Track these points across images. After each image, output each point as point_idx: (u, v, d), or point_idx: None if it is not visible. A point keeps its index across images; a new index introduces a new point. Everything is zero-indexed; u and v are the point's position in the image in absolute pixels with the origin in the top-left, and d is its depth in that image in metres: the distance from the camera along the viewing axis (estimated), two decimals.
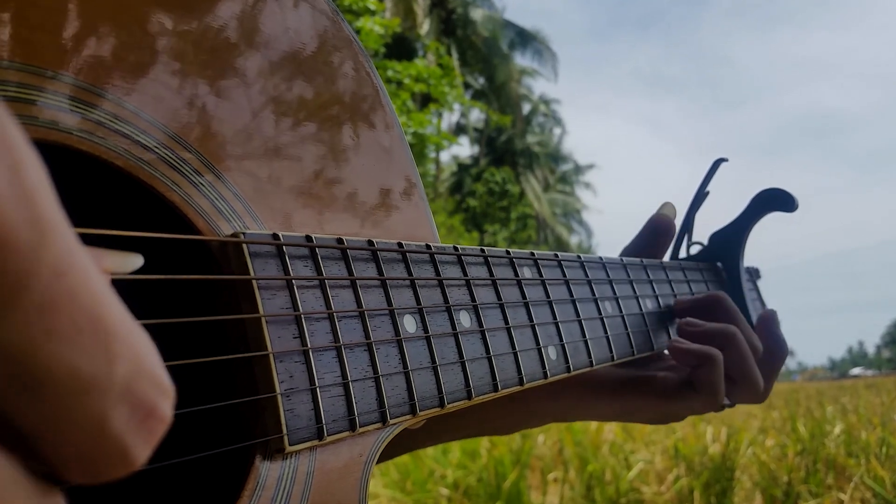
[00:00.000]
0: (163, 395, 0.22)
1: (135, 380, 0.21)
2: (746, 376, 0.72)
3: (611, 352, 0.68)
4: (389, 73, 11.66)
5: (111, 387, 0.20)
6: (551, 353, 0.60)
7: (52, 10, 0.35)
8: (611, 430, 4.62)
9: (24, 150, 0.18)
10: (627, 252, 0.84)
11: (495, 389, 0.53)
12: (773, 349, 0.78)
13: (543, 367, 0.58)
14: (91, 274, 0.20)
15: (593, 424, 4.55)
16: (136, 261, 0.30)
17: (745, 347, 0.72)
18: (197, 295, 0.43)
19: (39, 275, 0.18)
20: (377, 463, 0.46)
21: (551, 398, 0.74)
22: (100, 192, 0.42)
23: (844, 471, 3.84)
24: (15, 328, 0.18)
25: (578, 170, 36.63)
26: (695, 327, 0.74)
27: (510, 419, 0.76)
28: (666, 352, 0.79)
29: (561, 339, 0.61)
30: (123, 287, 0.42)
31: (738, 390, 0.73)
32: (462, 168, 31.89)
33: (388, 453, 0.82)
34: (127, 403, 0.21)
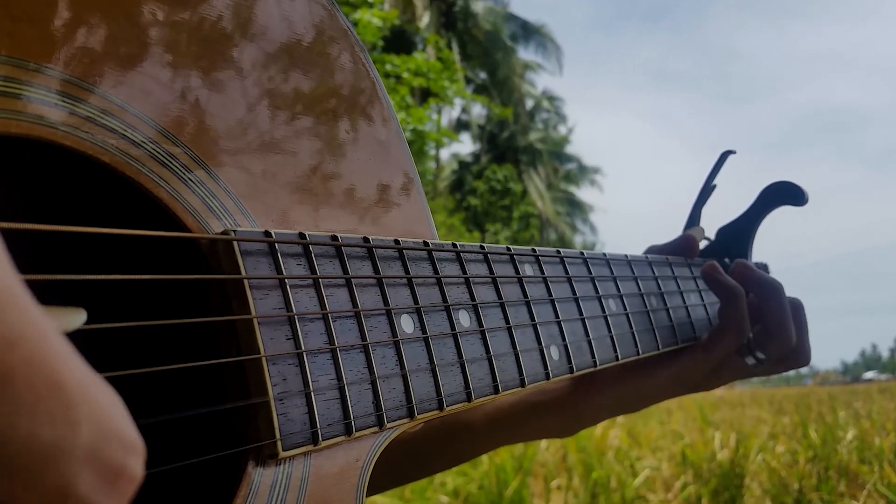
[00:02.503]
0: (130, 454, 0.22)
1: (99, 442, 0.21)
2: (783, 328, 0.77)
3: (615, 351, 0.67)
4: (388, 66, 11.66)
5: (75, 452, 0.20)
6: (553, 353, 0.60)
7: (37, 1, 0.35)
8: (616, 435, 4.62)
9: None
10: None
11: (496, 391, 0.53)
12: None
13: (545, 367, 0.58)
14: (47, 336, 0.20)
15: (597, 430, 4.55)
16: (78, 318, 0.29)
17: (786, 304, 0.77)
18: (186, 295, 0.43)
19: None
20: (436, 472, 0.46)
21: (610, 386, 0.78)
22: (86, 189, 0.42)
23: (857, 478, 3.84)
24: None
25: (583, 170, 36.62)
26: (747, 269, 0.78)
27: (576, 418, 0.79)
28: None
29: (563, 339, 0.61)
30: (111, 289, 0.42)
31: (774, 343, 0.77)
32: (463, 166, 31.90)
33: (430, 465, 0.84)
34: (93, 467, 0.21)
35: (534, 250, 0.62)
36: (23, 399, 0.19)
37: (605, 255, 0.72)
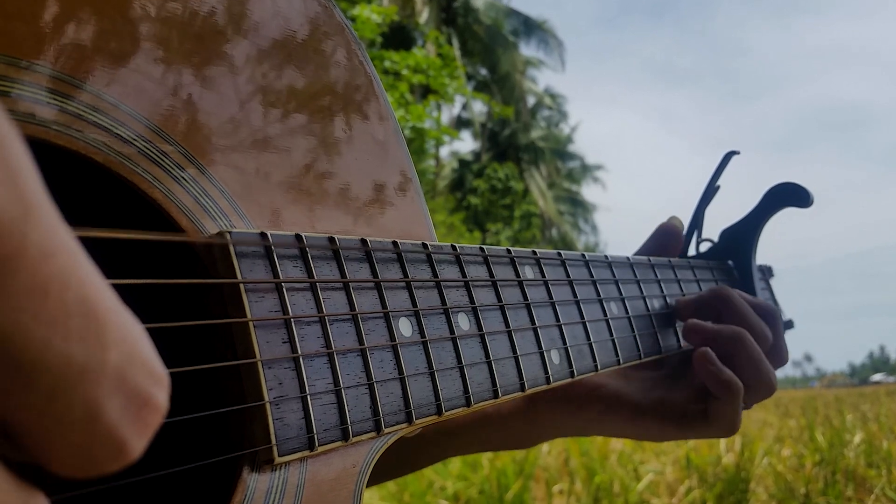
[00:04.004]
0: (157, 385, 0.22)
1: (128, 368, 0.21)
2: (760, 378, 0.72)
3: (617, 355, 0.67)
4: (387, 63, 11.65)
5: (104, 375, 0.20)
6: (554, 357, 0.60)
7: None
8: (619, 439, 4.61)
9: (5, 127, 0.18)
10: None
11: (495, 396, 0.53)
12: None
13: (546, 371, 0.58)
14: (79, 257, 0.20)
15: None
16: None
17: (756, 349, 0.71)
18: (181, 298, 0.43)
19: (26, 256, 0.18)
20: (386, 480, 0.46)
21: (571, 413, 0.76)
22: (78, 188, 0.42)
23: (865, 482, 3.84)
24: (1, 313, 0.18)
25: (586, 168, 36.60)
26: (700, 333, 0.73)
27: (530, 433, 0.78)
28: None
29: (564, 343, 0.61)
30: None
31: (752, 392, 0.73)
32: (463, 164, 31.89)
33: (391, 473, 0.84)
34: (121, 393, 0.21)
35: (534, 252, 0.62)
36: (55, 315, 0.19)
37: (606, 256, 0.72)
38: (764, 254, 0.93)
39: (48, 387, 0.19)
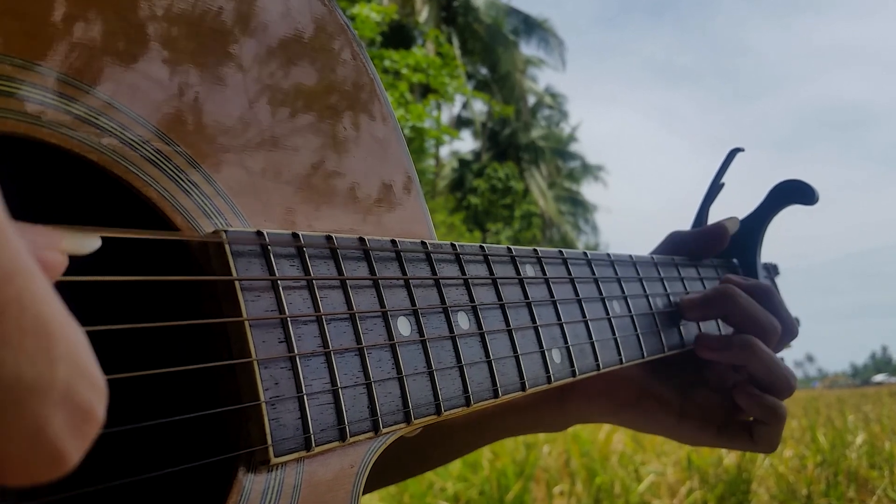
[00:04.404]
0: (98, 395, 0.23)
1: (74, 382, 0.22)
2: (777, 380, 0.73)
3: (619, 355, 0.67)
4: (386, 62, 11.66)
5: (52, 391, 0.21)
6: (555, 356, 0.59)
7: None
8: (620, 440, 4.62)
9: None
10: (673, 240, 0.86)
11: (495, 395, 0.53)
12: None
13: (547, 371, 0.58)
14: (36, 277, 0.21)
15: (602, 434, 4.55)
16: (93, 242, 0.30)
17: (767, 354, 0.73)
18: (176, 297, 0.43)
19: None
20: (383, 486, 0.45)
21: (610, 409, 0.79)
22: (72, 188, 0.42)
23: (867, 483, 3.84)
24: None
25: (586, 168, 36.61)
26: (711, 348, 0.75)
27: (563, 421, 0.81)
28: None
29: (566, 342, 0.61)
30: (98, 291, 0.42)
31: (774, 394, 0.75)
32: (463, 163, 31.90)
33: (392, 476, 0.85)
34: (65, 407, 0.22)
35: (535, 250, 0.62)
36: (10, 335, 0.19)
37: (608, 255, 0.72)
38: (764, 249, 0.93)
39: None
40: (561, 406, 0.79)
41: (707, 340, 0.76)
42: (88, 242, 0.30)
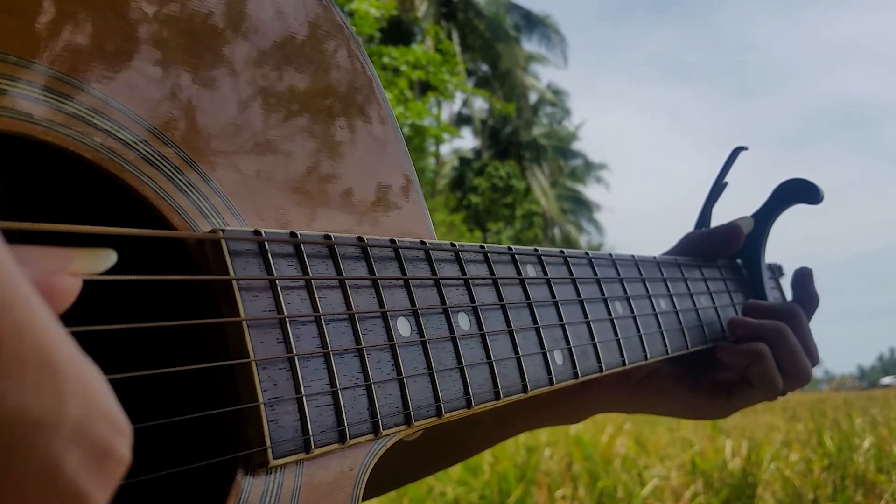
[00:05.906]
0: (120, 435, 0.22)
1: (88, 419, 0.21)
2: (798, 368, 0.80)
3: (622, 356, 0.67)
4: (385, 59, 11.66)
5: (62, 427, 0.20)
6: (557, 357, 0.59)
7: None
8: (623, 443, 4.61)
9: None
10: (686, 241, 0.89)
11: (496, 397, 0.53)
12: (805, 302, 0.88)
13: (549, 372, 0.58)
14: (36, 307, 0.20)
15: (604, 437, 4.55)
16: (109, 258, 0.28)
17: (795, 343, 0.80)
18: (173, 297, 0.43)
19: None
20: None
21: (626, 395, 0.84)
22: (68, 186, 0.42)
23: (874, 487, 3.84)
24: None
25: (589, 166, 36.58)
26: (745, 327, 0.82)
27: (582, 411, 0.85)
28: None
29: (568, 343, 0.61)
30: (94, 288, 0.42)
31: (789, 381, 0.81)
32: (464, 162, 31.87)
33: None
34: (81, 444, 0.21)
35: (536, 250, 0.62)
36: (10, 367, 0.19)
37: (611, 255, 0.72)
38: (769, 250, 0.94)
39: (3, 440, 0.19)
40: (582, 398, 0.83)
41: (742, 320, 0.83)
42: (103, 260, 0.28)
